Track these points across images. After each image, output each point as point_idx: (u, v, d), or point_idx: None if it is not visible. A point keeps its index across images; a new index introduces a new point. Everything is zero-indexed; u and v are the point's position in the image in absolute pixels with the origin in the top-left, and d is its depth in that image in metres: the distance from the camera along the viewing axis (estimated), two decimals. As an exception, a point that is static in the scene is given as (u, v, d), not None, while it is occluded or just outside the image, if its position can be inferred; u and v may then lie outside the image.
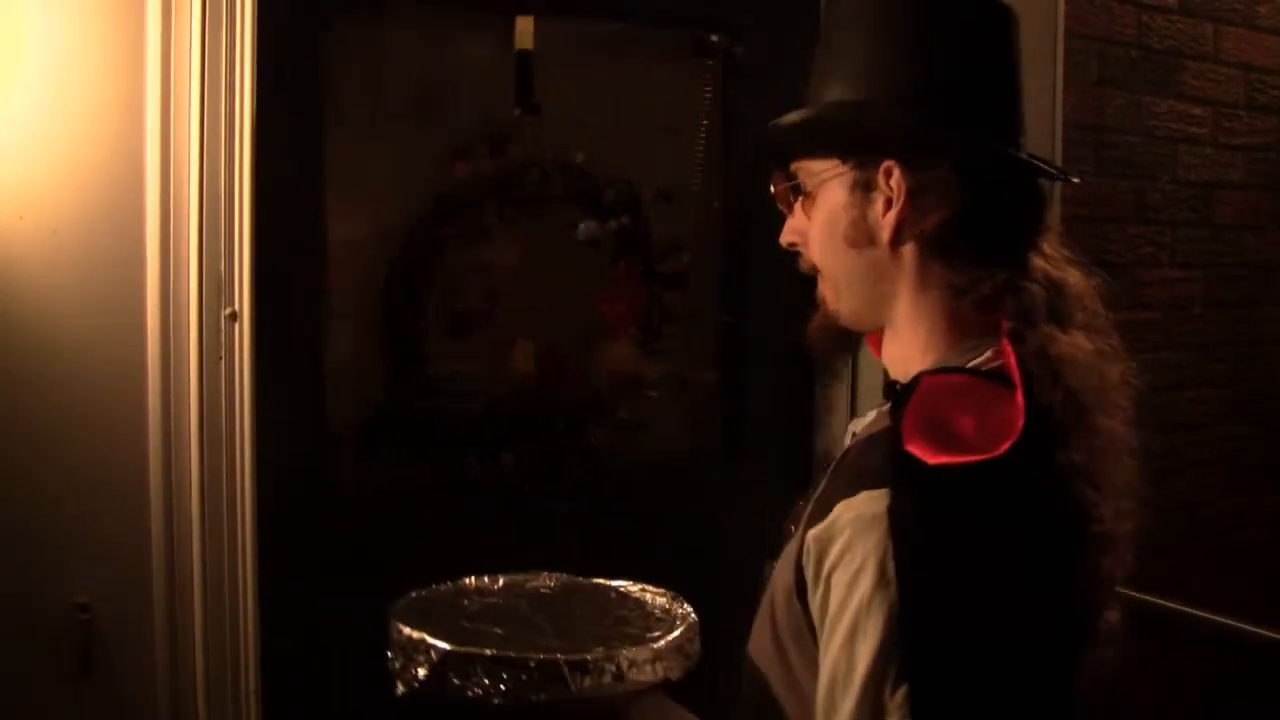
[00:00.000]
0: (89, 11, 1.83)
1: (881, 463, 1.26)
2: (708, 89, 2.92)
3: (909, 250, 1.38)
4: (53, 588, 1.84)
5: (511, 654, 1.52)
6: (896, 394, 1.33)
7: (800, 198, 1.45)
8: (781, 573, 1.40)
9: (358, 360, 2.49)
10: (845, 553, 1.26)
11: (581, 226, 2.71)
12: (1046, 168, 1.41)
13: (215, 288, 1.91)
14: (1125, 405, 1.36)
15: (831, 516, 1.29)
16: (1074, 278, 1.38)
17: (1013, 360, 1.28)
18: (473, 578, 1.84)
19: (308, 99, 2.29)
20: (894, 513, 1.22)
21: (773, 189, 1.50)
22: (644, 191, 2.78)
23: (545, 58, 2.63)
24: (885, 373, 1.46)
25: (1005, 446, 1.21)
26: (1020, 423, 1.22)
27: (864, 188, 1.38)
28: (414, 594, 1.79)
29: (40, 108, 1.80)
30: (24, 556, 1.83)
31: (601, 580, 1.84)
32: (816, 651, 1.30)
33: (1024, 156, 1.39)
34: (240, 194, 1.91)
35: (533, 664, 1.50)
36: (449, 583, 1.82)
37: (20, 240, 1.80)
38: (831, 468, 1.40)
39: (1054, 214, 1.45)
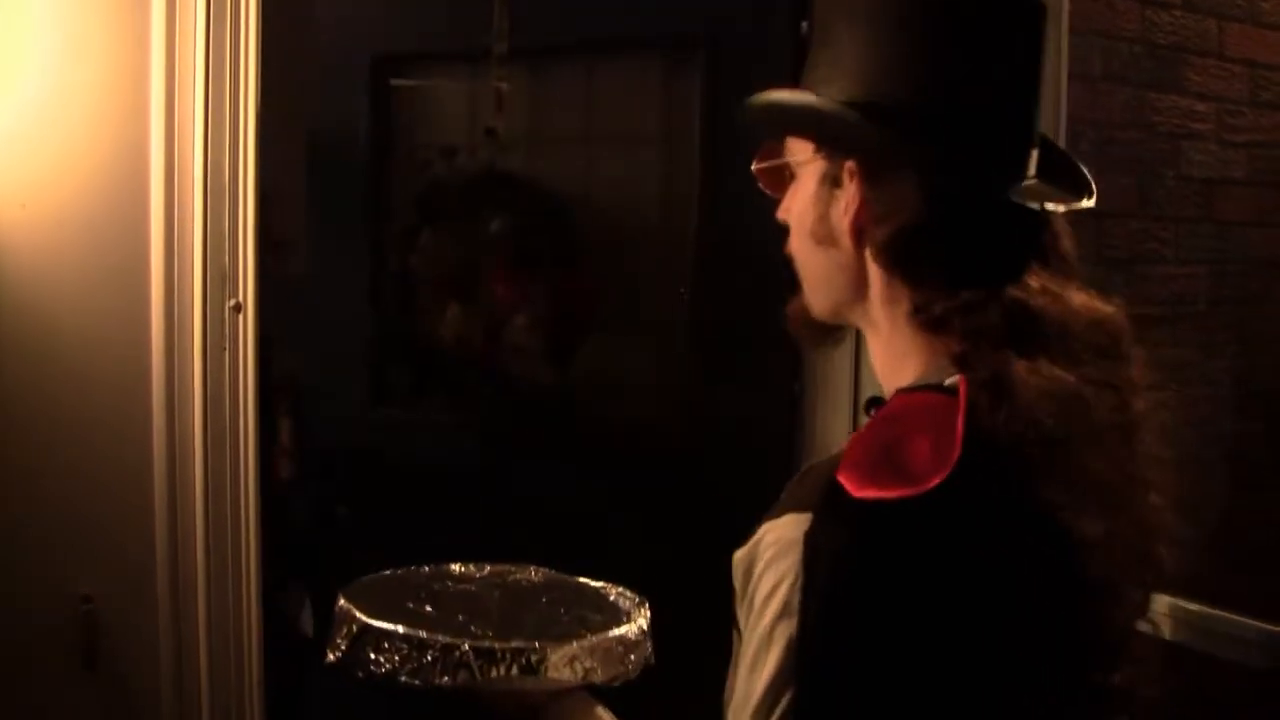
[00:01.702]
0: (94, 1, 1.83)
1: (817, 486, 1.19)
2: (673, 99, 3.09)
3: (870, 258, 1.31)
4: (55, 579, 1.84)
5: (421, 634, 1.51)
6: (870, 412, 1.30)
7: (789, 176, 1.40)
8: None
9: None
10: (762, 576, 1.20)
11: (494, 223, 3.11)
12: (1027, 202, 1.28)
13: (219, 279, 1.90)
14: (1145, 440, 1.26)
15: (755, 537, 1.23)
16: (1075, 304, 1.26)
17: (962, 389, 1.19)
18: (459, 564, 1.84)
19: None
20: (810, 540, 1.16)
21: (755, 166, 1.44)
22: (559, 196, 3.14)
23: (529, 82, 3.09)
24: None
25: (935, 482, 1.12)
26: (955, 456, 1.13)
27: (832, 182, 1.32)
28: (389, 571, 1.79)
29: (45, 97, 1.80)
30: (26, 548, 1.83)
31: (586, 580, 1.82)
32: None
33: (1008, 188, 1.28)
34: (245, 186, 1.91)
35: (437, 647, 1.49)
36: (431, 565, 1.83)
37: (23, 230, 1.79)
38: (789, 485, 1.31)
39: (1064, 236, 1.35)
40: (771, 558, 1.19)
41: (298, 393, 2.76)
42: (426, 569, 1.84)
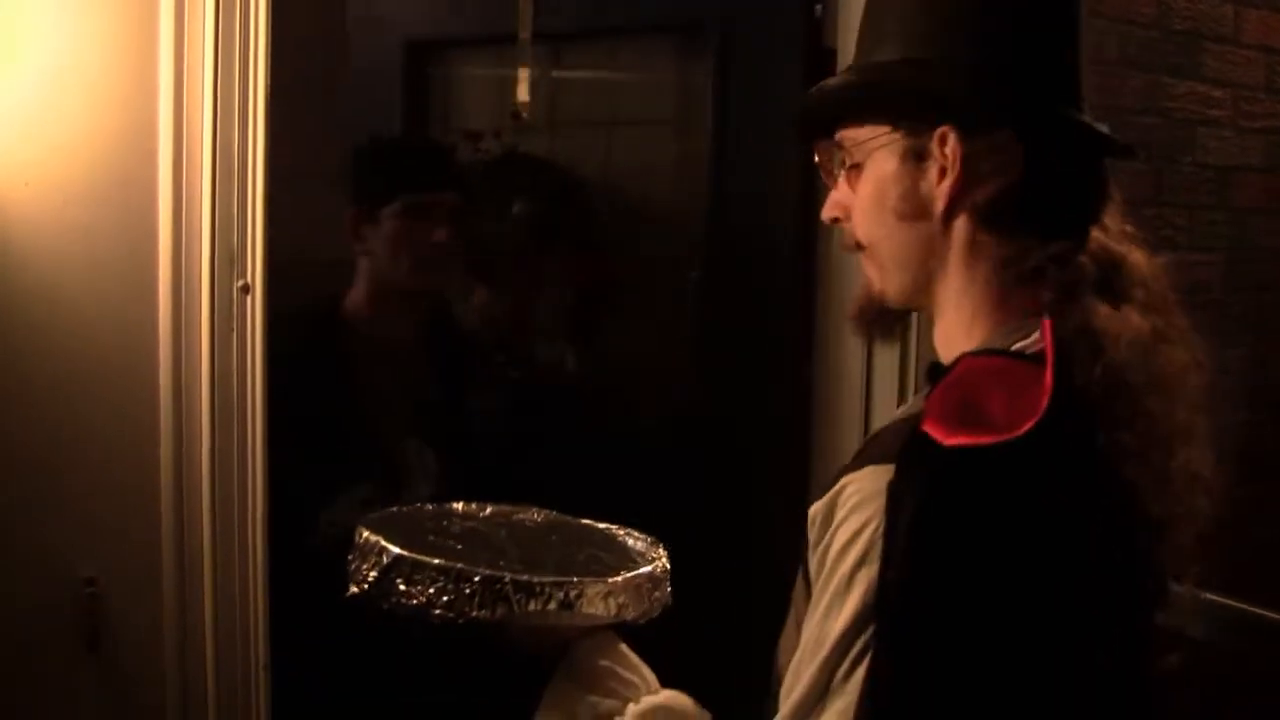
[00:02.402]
0: (101, -23, 1.81)
1: (897, 442, 1.21)
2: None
3: (961, 223, 1.31)
4: (59, 562, 1.82)
5: (459, 566, 1.51)
6: (934, 376, 1.30)
7: (846, 170, 1.39)
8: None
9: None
10: (842, 524, 1.23)
11: (516, 206, 3.16)
12: (1112, 137, 1.33)
13: (227, 260, 1.88)
14: (1192, 390, 1.29)
15: (835, 489, 1.26)
16: (1136, 255, 1.32)
17: (1049, 336, 1.21)
18: (461, 503, 1.84)
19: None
20: (894, 489, 1.17)
21: (816, 159, 1.44)
22: (576, 179, 3.21)
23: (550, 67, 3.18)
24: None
25: (1026, 428, 1.14)
26: (1044, 403, 1.15)
27: (916, 156, 1.32)
28: (395, 509, 1.79)
29: (50, 73, 1.77)
30: (30, 531, 1.81)
31: (589, 521, 1.84)
32: None
33: (1093, 124, 1.32)
34: (254, 165, 1.88)
35: (477, 579, 1.49)
36: (435, 505, 1.82)
37: (26, 209, 1.77)
38: (862, 445, 1.36)
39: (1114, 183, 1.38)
40: (854, 506, 1.22)
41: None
42: (430, 507, 1.84)
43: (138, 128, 1.83)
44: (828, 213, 1.44)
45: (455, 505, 1.85)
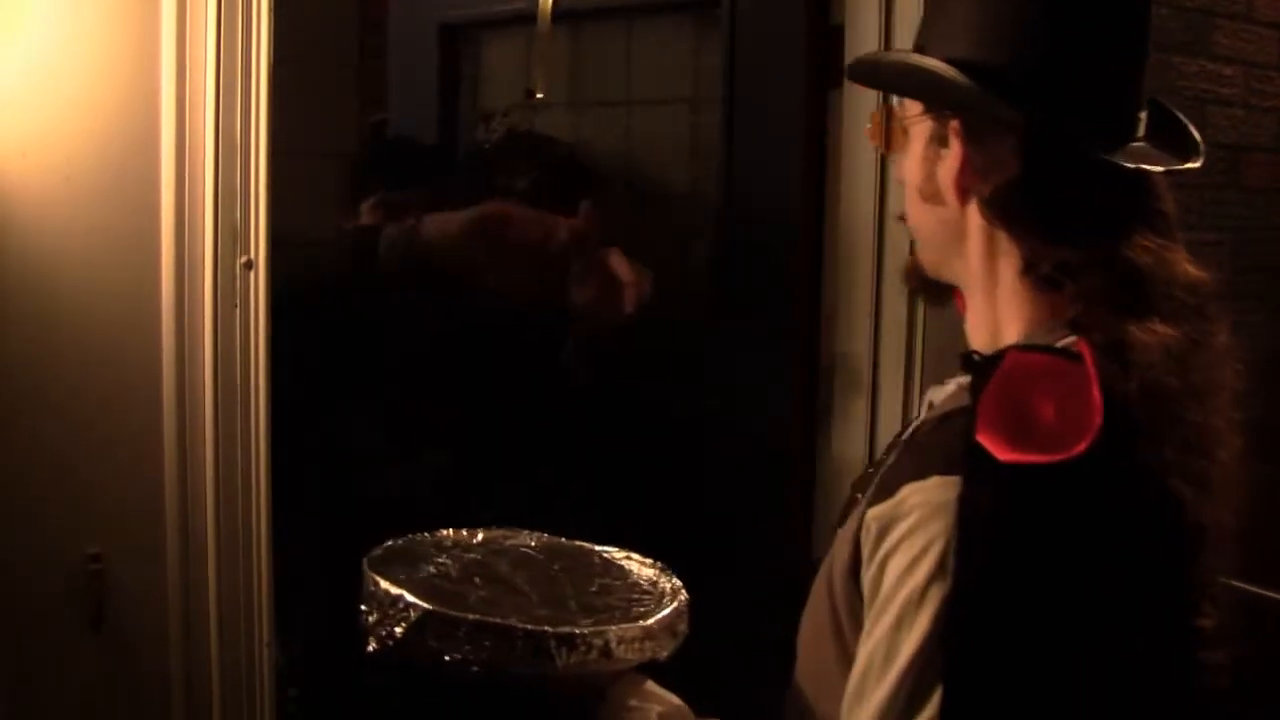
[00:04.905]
0: (104, -52, 1.79)
1: (955, 447, 1.22)
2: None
3: (973, 212, 1.35)
4: (63, 539, 1.82)
5: (496, 621, 1.48)
6: (976, 368, 1.30)
7: (904, 136, 1.44)
8: (841, 547, 1.37)
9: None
10: (906, 537, 1.23)
11: (526, 180, 3.16)
12: (1122, 163, 1.32)
13: (230, 236, 1.87)
14: (1228, 399, 1.32)
15: (898, 497, 1.25)
16: (1177, 266, 1.32)
17: (1087, 349, 1.23)
18: (450, 530, 1.83)
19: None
20: (964, 504, 1.18)
21: (869, 125, 1.50)
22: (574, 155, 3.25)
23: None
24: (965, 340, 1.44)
25: (1082, 447, 1.16)
26: (1098, 420, 1.17)
27: (939, 141, 1.37)
28: (390, 543, 1.77)
29: (51, 42, 1.76)
30: (33, 508, 1.80)
31: (584, 543, 1.83)
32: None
33: (1108, 149, 1.32)
34: (257, 139, 1.87)
35: (519, 634, 1.47)
36: (425, 534, 1.81)
37: (26, 180, 1.75)
38: (903, 441, 1.38)
39: (1166, 198, 1.38)
40: (919, 520, 1.22)
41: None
42: (421, 537, 1.82)
43: (140, 100, 1.82)
44: (897, 174, 1.52)
45: (445, 533, 1.84)
